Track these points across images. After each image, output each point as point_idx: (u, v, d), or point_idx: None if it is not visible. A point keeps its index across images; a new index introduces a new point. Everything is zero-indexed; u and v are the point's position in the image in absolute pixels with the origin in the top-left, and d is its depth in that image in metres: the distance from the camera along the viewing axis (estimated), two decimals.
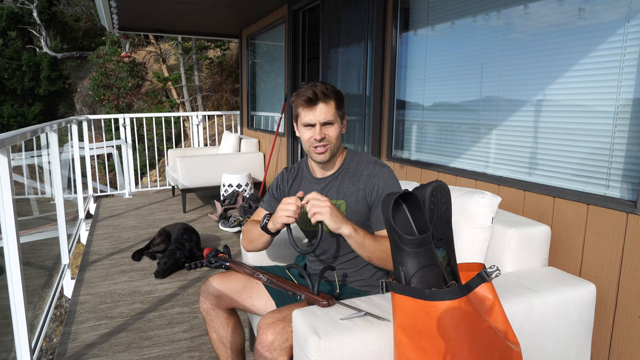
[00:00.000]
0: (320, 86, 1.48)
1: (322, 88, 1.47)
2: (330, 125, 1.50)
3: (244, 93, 6.45)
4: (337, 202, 1.55)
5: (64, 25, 17.25)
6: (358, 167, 1.57)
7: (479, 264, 1.24)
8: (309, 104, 1.47)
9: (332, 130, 1.50)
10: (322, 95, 1.47)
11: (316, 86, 1.47)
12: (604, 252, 1.60)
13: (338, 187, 1.57)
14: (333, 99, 1.49)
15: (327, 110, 1.48)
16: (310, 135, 1.50)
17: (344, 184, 1.56)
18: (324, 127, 1.49)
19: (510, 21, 2.02)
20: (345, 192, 1.55)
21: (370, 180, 1.52)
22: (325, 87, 1.48)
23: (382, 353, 1.19)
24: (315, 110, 1.48)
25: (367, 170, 1.54)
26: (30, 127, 2.38)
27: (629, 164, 1.56)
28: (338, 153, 1.58)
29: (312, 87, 1.47)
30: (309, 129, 1.51)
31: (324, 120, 1.48)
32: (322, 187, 1.59)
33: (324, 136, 1.49)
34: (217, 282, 1.64)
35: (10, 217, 1.77)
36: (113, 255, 3.58)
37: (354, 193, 1.53)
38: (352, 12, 3.25)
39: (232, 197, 4.62)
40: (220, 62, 13.00)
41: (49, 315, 2.42)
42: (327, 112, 1.48)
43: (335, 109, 1.50)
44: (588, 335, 1.50)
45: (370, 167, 1.55)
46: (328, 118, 1.48)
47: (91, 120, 5.58)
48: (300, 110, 1.51)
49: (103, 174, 12.30)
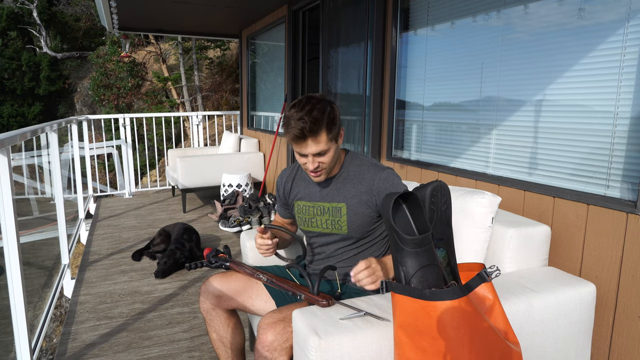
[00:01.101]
0: (307, 119, 1.37)
1: (310, 123, 1.37)
2: (323, 155, 1.44)
3: (244, 93, 6.45)
4: (337, 205, 1.54)
5: (64, 25, 17.25)
6: (359, 169, 1.55)
7: (479, 264, 1.24)
8: (297, 141, 1.41)
9: (327, 157, 1.45)
10: (310, 132, 1.38)
11: (304, 120, 1.37)
12: (604, 252, 1.60)
13: (338, 190, 1.56)
14: (323, 129, 1.40)
15: (318, 143, 1.40)
16: (303, 162, 1.47)
17: (345, 187, 1.55)
18: (317, 157, 1.44)
19: (510, 21, 2.02)
20: (346, 194, 1.54)
21: (376, 185, 1.49)
22: (313, 120, 1.37)
23: (382, 353, 1.19)
24: (305, 145, 1.41)
25: (370, 174, 1.52)
26: (30, 127, 2.38)
27: (629, 164, 1.56)
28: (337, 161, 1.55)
29: (301, 120, 1.37)
30: (302, 156, 1.46)
31: (315, 152, 1.43)
32: (321, 189, 1.58)
33: (317, 164, 1.45)
34: (217, 282, 1.64)
35: (10, 217, 1.77)
36: (113, 255, 3.58)
37: (356, 196, 1.52)
38: (352, 12, 3.25)
39: (232, 197, 4.62)
40: (220, 62, 13.01)
41: (49, 315, 2.42)
42: (318, 145, 1.41)
43: (326, 138, 1.41)
44: (588, 335, 1.50)
45: (372, 170, 1.53)
46: (320, 150, 1.42)
47: (91, 120, 5.58)
48: (291, 142, 1.45)
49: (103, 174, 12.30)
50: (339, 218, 1.54)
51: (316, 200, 1.59)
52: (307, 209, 1.61)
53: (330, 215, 1.55)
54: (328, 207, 1.56)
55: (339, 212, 1.53)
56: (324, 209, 1.57)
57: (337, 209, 1.54)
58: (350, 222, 1.52)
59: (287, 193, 1.70)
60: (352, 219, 1.52)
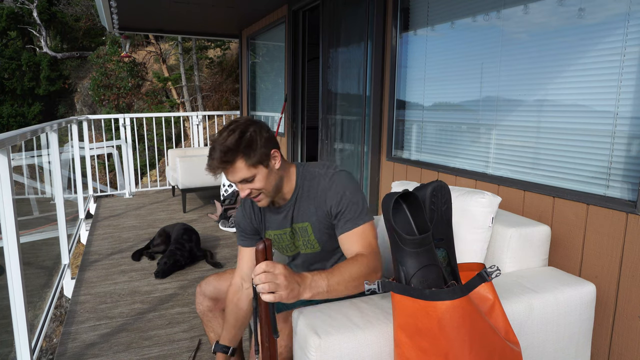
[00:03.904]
0: (216, 155, 1.30)
1: (218, 159, 1.30)
2: (250, 181, 1.35)
3: (244, 93, 6.45)
4: (302, 225, 1.47)
5: (64, 25, 17.25)
6: (312, 184, 1.45)
7: (479, 264, 1.24)
8: (213, 172, 1.33)
9: (257, 183, 1.35)
10: (220, 167, 1.31)
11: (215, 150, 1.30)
12: (603, 252, 1.60)
13: (299, 211, 1.47)
14: (238, 156, 1.30)
15: (235, 171, 1.32)
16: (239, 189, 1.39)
17: (303, 206, 1.46)
18: (244, 184, 1.35)
19: (510, 21, 2.02)
20: (306, 213, 1.45)
21: (326, 194, 1.40)
22: (221, 154, 1.29)
23: (382, 353, 1.19)
24: (227, 175, 1.34)
25: (322, 185, 1.42)
26: (30, 127, 2.38)
27: (629, 164, 1.56)
28: (284, 183, 1.44)
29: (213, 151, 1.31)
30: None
31: (240, 179, 1.34)
32: (283, 215, 1.50)
33: (248, 191, 1.36)
34: (213, 284, 1.62)
35: (10, 217, 1.77)
36: (113, 255, 3.58)
37: (314, 213, 1.44)
38: (352, 12, 3.25)
39: (232, 197, 4.62)
40: (220, 62, 13.00)
41: (49, 315, 2.42)
42: (235, 175, 1.33)
43: (245, 165, 1.31)
44: (588, 335, 1.50)
45: (322, 180, 1.42)
46: (242, 177, 1.33)
47: (91, 120, 5.58)
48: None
49: (103, 174, 12.29)
50: (307, 237, 1.48)
51: (285, 227, 1.51)
52: (280, 236, 1.54)
53: (300, 237, 1.50)
54: (297, 228, 1.49)
55: (306, 232, 1.48)
56: (294, 230, 1.50)
57: (304, 229, 1.48)
58: (319, 239, 1.47)
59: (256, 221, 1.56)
60: (319, 235, 1.46)
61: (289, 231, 1.51)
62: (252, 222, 1.55)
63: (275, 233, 1.54)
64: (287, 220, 1.49)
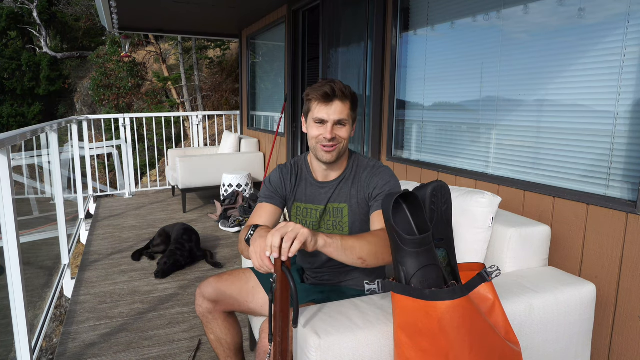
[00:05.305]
0: (338, 84, 1.43)
1: (341, 86, 1.43)
2: (343, 126, 1.45)
3: (244, 93, 6.45)
4: (339, 206, 1.53)
5: (64, 25, 17.25)
6: (359, 171, 1.54)
7: (479, 264, 1.24)
8: (325, 99, 1.41)
9: (344, 131, 1.45)
10: (340, 93, 1.42)
11: (335, 83, 1.42)
12: (603, 252, 1.60)
13: (340, 192, 1.54)
14: (349, 100, 1.45)
15: (343, 109, 1.43)
16: (319, 133, 1.45)
17: (346, 188, 1.54)
18: (335, 127, 1.44)
19: (510, 21, 2.02)
20: (347, 195, 1.53)
21: (371, 179, 1.50)
22: (343, 87, 1.43)
23: (382, 353, 1.19)
24: (330, 107, 1.42)
25: (368, 172, 1.52)
26: (30, 127, 2.38)
27: (629, 164, 1.56)
28: (344, 156, 1.53)
29: (331, 83, 1.42)
30: (320, 126, 1.44)
31: (338, 119, 1.43)
32: (325, 191, 1.56)
33: (334, 136, 1.43)
34: (213, 285, 1.62)
35: (10, 217, 1.77)
36: (113, 255, 3.58)
37: (355, 196, 1.52)
38: (352, 12, 3.25)
39: (232, 197, 4.62)
40: (220, 62, 13.00)
41: (49, 315, 2.42)
42: (342, 111, 1.43)
43: (350, 110, 1.45)
44: (588, 335, 1.50)
45: (369, 169, 1.53)
46: (342, 117, 1.43)
47: (91, 120, 5.57)
48: (314, 105, 1.44)
49: (103, 174, 12.30)
50: (340, 219, 1.53)
51: (320, 203, 1.55)
52: (310, 211, 1.57)
53: (331, 217, 1.55)
54: (332, 207, 1.54)
55: (341, 213, 1.53)
56: (327, 210, 1.55)
57: (339, 210, 1.53)
58: (352, 223, 1.52)
59: (289, 188, 1.59)
60: (353, 219, 1.51)
61: (322, 209, 1.55)
62: (285, 186, 1.60)
63: (305, 206, 1.58)
64: (325, 198, 1.54)
